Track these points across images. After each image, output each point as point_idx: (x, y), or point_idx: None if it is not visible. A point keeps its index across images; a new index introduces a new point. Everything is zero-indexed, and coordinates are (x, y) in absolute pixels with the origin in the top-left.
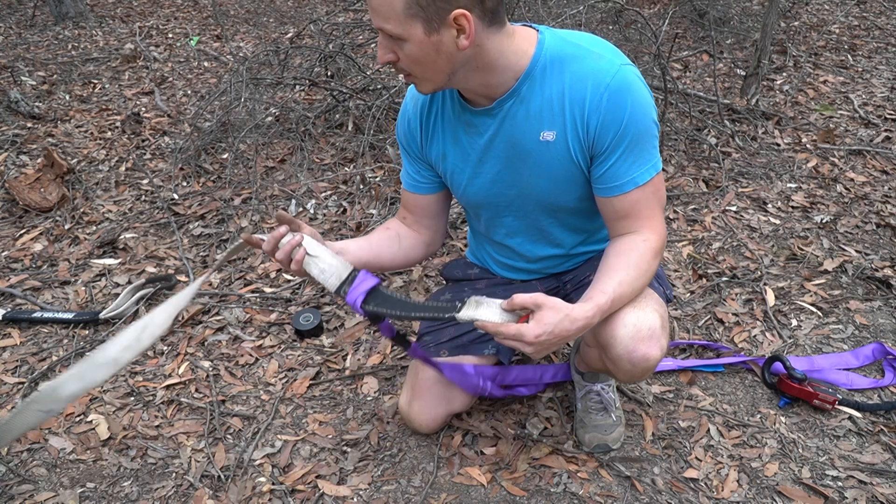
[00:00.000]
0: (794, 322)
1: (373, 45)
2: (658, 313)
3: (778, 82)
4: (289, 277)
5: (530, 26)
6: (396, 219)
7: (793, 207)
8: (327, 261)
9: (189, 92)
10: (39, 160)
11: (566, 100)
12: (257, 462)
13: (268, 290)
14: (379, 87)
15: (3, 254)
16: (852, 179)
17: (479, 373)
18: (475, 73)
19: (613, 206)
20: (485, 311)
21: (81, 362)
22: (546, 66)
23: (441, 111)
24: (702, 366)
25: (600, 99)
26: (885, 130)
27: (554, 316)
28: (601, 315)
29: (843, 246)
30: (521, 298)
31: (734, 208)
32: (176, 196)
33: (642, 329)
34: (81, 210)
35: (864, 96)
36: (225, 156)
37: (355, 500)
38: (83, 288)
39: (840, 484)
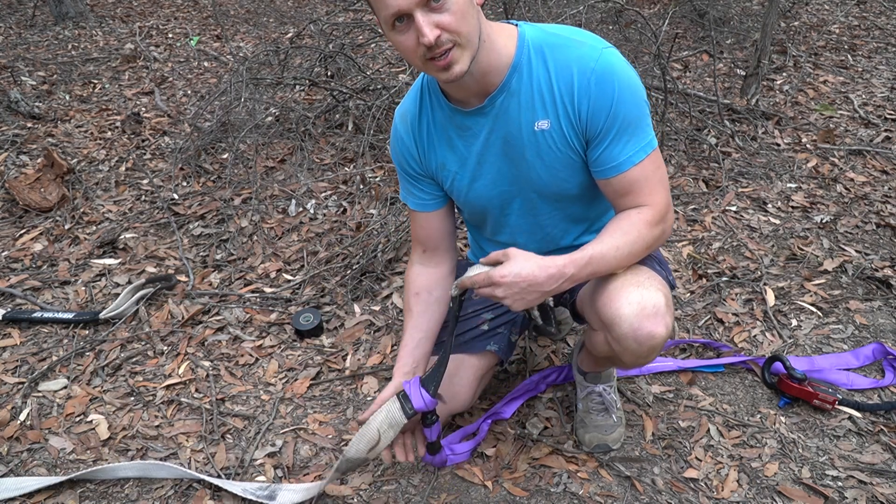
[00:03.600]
0: (794, 322)
1: (373, 45)
2: (662, 292)
3: (778, 82)
4: (289, 277)
5: (508, 22)
6: (416, 264)
7: (793, 207)
8: (377, 418)
9: (189, 92)
10: (39, 160)
11: (555, 87)
12: (258, 462)
13: (268, 290)
14: (379, 87)
15: (3, 254)
16: (852, 179)
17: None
18: (482, 49)
19: (613, 186)
20: (472, 270)
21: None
22: (531, 56)
23: (432, 121)
24: (702, 366)
25: (588, 84)
26: (885, 130)
27: (521, 259)
28: (575, 266)
29: (843, 246)
30: (494, 253)
31: (734, 208)
32: (176, 196)
33: (647, 307)
34: (81, 210)
35: (864, 96)
36: (225, 156)
37: (356, 499)
38: (83, 288)
39: (840, 484)
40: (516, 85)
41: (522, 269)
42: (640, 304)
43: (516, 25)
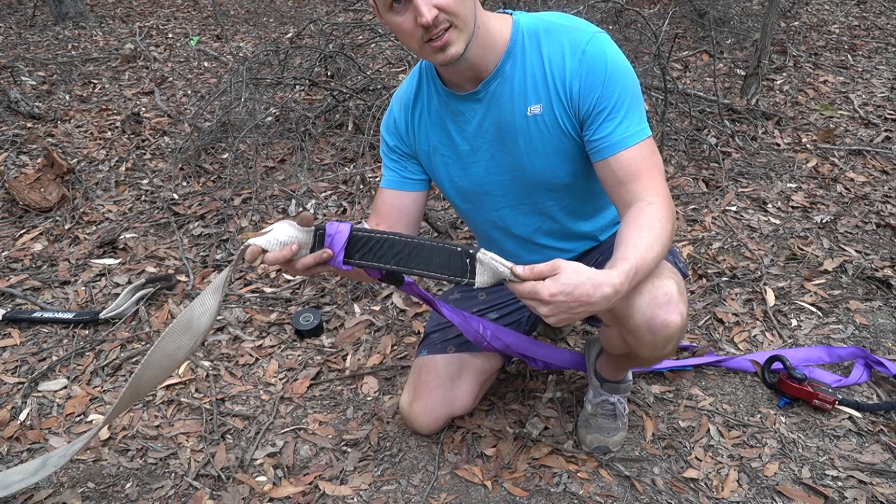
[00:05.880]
0: (794, 322)
1: (373, 45)
2: (673, 280)
3: (778, 82)
4: (289, 277)
5: (503, 12)
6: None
7: (793, 207)
8: (285, 232)
9: (189, 92)
10: (39, 160)
11: (547, 70)
12: (258, 462)
13: (268, 290)
14: (379, 87)
15: (3, 254)
16: (852, 179)
17: (481, 323)
18: (477, 34)
19: (611, 167)
20: (498, 273)
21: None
22: (525, 42)
23: (427, 107)
24: (685, 365)
25: (579, 63)
26: (885, 130)
27: (574, 277)
28: (628, 281)
29: (843, 246)
30: (539, 267)
31: (734, 208)
32: (176, 196)
33: (658, 295)
34: (81, 210)
35: (864, 96)
36: (225, 156)
37: (355, 500)
38: (83, 288)
39: (840, 484)
40: (510, 70)
41: (575, 289)
42: (651, 293)
43: (511, 14)
